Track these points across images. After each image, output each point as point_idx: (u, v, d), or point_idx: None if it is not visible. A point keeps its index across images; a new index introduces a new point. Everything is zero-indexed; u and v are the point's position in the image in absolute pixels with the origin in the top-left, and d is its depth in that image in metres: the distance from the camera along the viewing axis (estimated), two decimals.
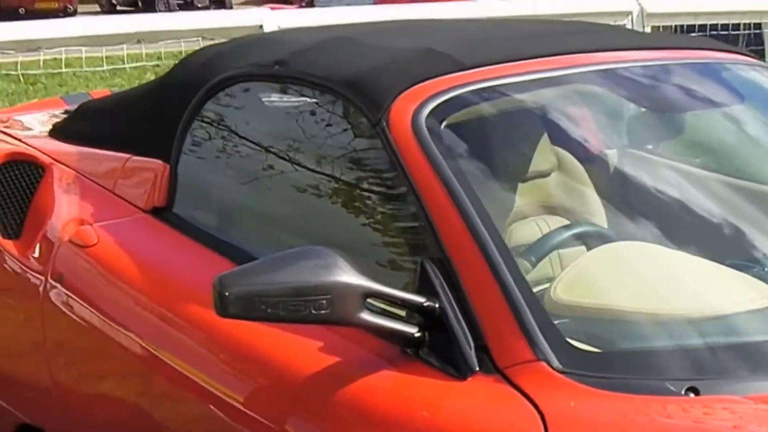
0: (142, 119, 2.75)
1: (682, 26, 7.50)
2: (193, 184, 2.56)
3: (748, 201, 2.31)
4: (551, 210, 2.40)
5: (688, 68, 2.55)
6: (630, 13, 7.17)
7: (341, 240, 2.07)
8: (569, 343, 1.79)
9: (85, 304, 2.47)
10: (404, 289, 1.89)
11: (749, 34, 7.37)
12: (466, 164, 2.11)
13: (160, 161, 2.60)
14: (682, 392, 1.69)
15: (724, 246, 2.12)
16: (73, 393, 2.55)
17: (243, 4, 28.06)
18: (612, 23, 6.99)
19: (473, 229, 1.91)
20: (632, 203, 2.39)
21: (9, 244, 2.73)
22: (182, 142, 2.58)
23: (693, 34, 7.19)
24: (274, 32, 3.94)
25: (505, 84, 2.26)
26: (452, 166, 2.03)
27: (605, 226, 2.32)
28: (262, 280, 1.79)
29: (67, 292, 2.51)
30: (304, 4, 14.44)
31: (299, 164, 2.36)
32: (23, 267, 2.66)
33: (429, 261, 1.90)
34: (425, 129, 2.07)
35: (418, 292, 1.87)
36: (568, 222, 2.33)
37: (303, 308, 1.78)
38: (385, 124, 2.11)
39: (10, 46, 5.57)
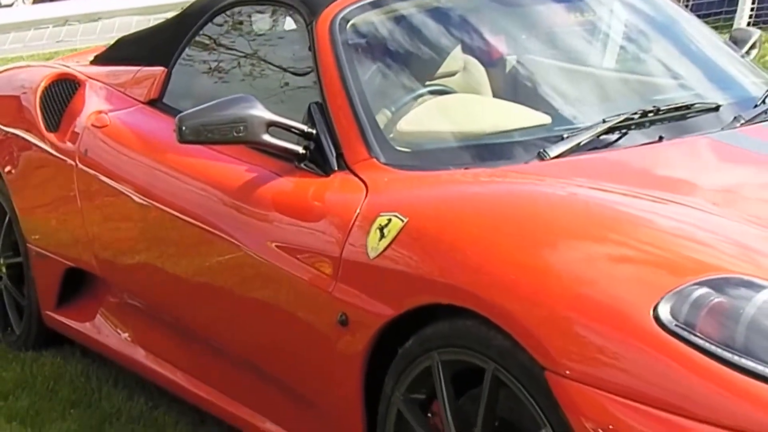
0: (159, 40, 3.73)
1: None
2: (180, 81, 3.53)
3: (561, 75, 3.15)
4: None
5: None
6: None
7: (273, 97, 3.01)
8: (394, 148, 2.76)
9: (101, 171, 3.49)
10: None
11: None
12: (358, 50, 3.04)
13: (161, 67, 3.58)
14: None
15: (533, 97, 3.00)
16: (102, 235, 3.55)
17: None
18: None
19: (345, 84, 2.89)
20: None
21: (51, 135, 3.77)
22: (181, 53, 3.56)
23: None
24: None
25: None
26: (345, 49, 2.98)
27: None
28: (204, 115, 2.78)
29: (90, 163, 3.54)
30: None
31: (255, 56, 3.36)
32: (61, 149, 3.70)
33: (314, 104, 2.88)
34: (336, 27, 3.02)
35: (305, 123, 2.82)
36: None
37: (229, 132, 2.76)
38: (314, 24, 3.06)
39: (77, 19, 6.67)
